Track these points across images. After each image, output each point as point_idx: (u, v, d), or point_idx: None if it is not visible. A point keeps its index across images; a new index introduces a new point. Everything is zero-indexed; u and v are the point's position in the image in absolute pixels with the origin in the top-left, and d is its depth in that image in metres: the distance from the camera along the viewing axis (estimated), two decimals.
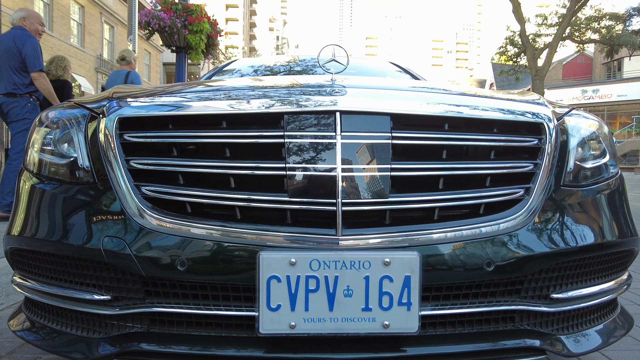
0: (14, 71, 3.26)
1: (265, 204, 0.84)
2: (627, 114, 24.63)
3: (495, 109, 0.98)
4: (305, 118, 0.88)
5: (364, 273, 0.81)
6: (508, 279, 0.89)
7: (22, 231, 1.01)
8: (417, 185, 0.89)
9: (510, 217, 0.89)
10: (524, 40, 12.79)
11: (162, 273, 0.85)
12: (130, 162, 0.89)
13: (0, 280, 1.96)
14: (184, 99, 0.95)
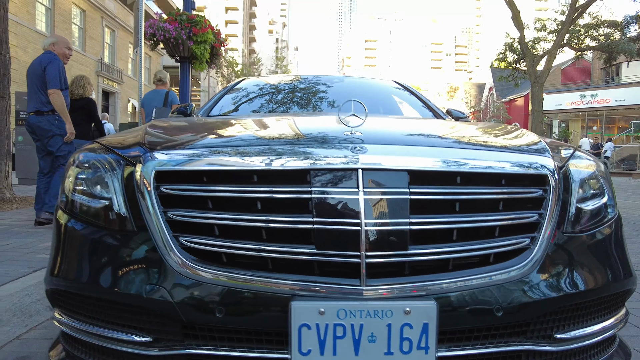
0: (40, 90, 3.60)
1: (295, 256, 0.92)
2: (625, 119, 24.78)
3: (503, 161, 1.05)
4: (329, 175, 0.95)
5: (386, 321, 0.89)
6: (516, 322, 0.97)
7: (63, 273, 1.08)
8: (433, 237, 0.96)
9: (517, 266, 0.97)
10: (523, 47, 12.91)
11: (201, 318, 0.92)
12: (169, 214, 0.97)
13: (22, 302, 2.03)
14: (217, 152, 1.03)
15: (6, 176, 5.27)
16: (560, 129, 27.55)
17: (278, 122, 1.45)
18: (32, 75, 3.66)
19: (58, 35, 4.19)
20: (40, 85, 3.61)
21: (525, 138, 1.30)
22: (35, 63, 3.69)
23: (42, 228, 3.68)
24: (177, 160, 1.01)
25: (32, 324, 1.92)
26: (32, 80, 3.65)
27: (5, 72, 5.24)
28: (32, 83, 3.65)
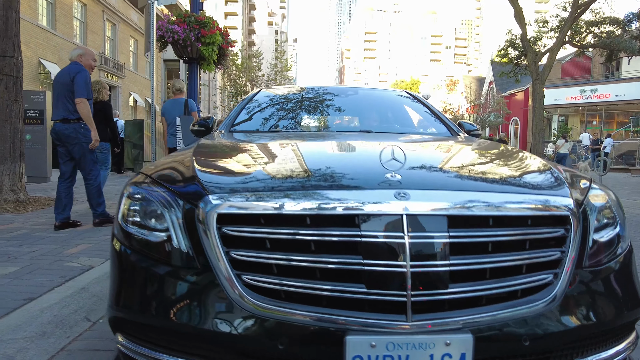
0: (68, 100, 3.80)
1: (348, 294, 1.03)
2: (625, 114, 24.89)
3: (529, 202, 1.17)
4: (377, 219, 1.06)
5: (429, 352, 1.01)
6: (540, 350, 1.09)
7: (129, 305, 1.19)
8: (468, 274, 1.08)
9: (542, 300, 1.09)
10: (525, 44, 12.95)
11: (262, 349, 1.04)
12: (231, 254, 1.08)
13: (61, 313, 2.15)
14: (272, 196, 1.12)
15: (20, 178, 5.36)
16: (560, 123, 27.64)
17: (319, 158, 1.53)
18: (60, 84, 3.84)
19: (85, 47, 4.41)
20: (67, 95, 3.79)
21: (546, 174, 1.41)
22: (64, 73, 3.87)
23: (62, 233, 3.79)
24: (237, 206, 1.11)
25: (73, 335, 2.04)
26: (59, 89, 3.83)
27: (18, 75, 5.31)
28: (60, 92, 3.83)
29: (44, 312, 2.04)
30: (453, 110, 32.73)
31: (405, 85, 72.74)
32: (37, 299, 2.18)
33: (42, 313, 2.03)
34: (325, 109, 2.96)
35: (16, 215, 4.60)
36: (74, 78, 3.74)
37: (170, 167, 1.54)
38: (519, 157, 1.68)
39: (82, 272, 2.67)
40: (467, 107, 35.95)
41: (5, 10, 5.08)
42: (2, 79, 5.13)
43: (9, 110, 5.20)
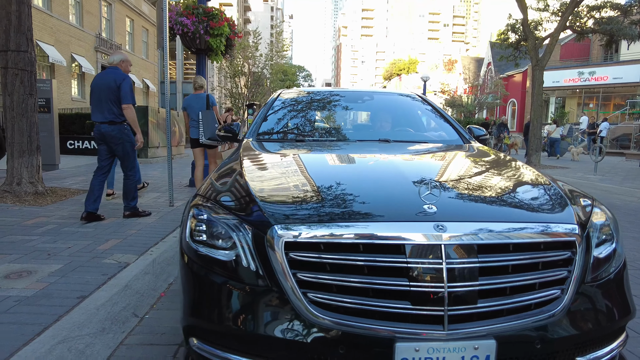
0: (113, 104, 4.15)
1: (396, 310, 1.26)
2: (622, 96, 25.05)
3: (543, 231, 1.39)
4: (420, 248, 1.29)
5: (461, 354, 1.25)
6: (549, 351, 1.34)
7: (205, 316, 1.41)
8: (492, 292, 1.31)
9: (551, 312, 1.33)
10: (526, 29, 12.97)
11: (325, 353, 1.27)
12: (298, 275, 1.30)
13: (113, 310, 2.38)
14: (330, 227, 1.34)
15: (37, 170, 5.52)
16: (557, 105, 27.76)
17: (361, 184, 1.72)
18: (104, 88, 4.15)
19: (123, 52, 4.56)
20: (112, 99, 4.14)
21: (555, 199, 1.63)
22: (109, 79, 4.16)
23: (90, 227, 4.00)
24: (302, 236, 1.32)
25: (126, 330, 2.28)
26: (104, 93, 4.14)
27: (32, 69, 5.40)
28: (105, 96, 4.14)
29: (99, 309, 2.27)
30: (451, 92, 32.70)
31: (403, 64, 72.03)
32: (89, 297, 2.40)
33: (98, 311, 2.26)
34: (346, 116, 3.15)
35: (38, 208, 4.79)
36: (120, 85, 4.10)
37: (227, 189, 1.74)
38: (530, 178, 1.89)
39: (120, 269, 2.90)
40: (465, 88, 35.92)
41: (18, 4, 5.13)
42: (18, 74, 5.23)
43: (25, 104, 5.32)
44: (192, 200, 1.73)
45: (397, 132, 2.96)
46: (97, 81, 4.28)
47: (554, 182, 1.87)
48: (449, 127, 3.03)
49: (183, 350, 2.02)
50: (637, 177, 10.10)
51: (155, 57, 28.64)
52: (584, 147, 20.07)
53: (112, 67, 4.31)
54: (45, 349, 1.84)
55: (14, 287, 2.51)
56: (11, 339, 1.91)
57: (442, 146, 2.61)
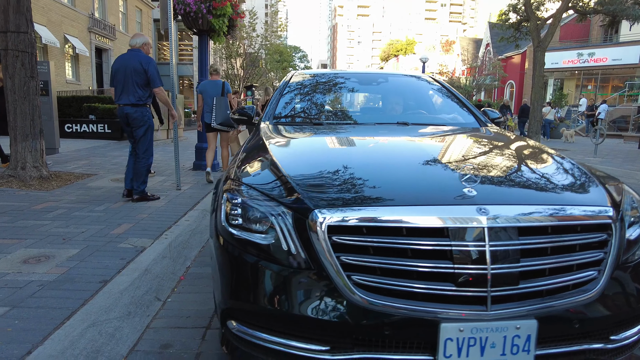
0: (139, 86, 4.18)
1: (441, 292, 1.27)
2: (620, 78, 24.98)
3: (580, 214, 1.40)
4: (463, 231, 1.29)
5: (503, 334, 1.27)
6: (586, 330, 1.36)
7: (247, 298, 1.42)
8: (532, 273, 1.32)
9: (588, 292, 1.35)
10: (528, 9, 12.81)
11: (371, 334, 1.29)
12: (341, 258, 1.31)
13: (136, 294, 2.39)
14: (372, 210, 1.34)
15: (41, 154, 5.46)
16: (555, 87, 27.66)
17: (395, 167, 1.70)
18: (130, 71, 4.16)
19: (144, 35, 4.55)
20: (139, 82, 4.18)
21: (588, 183, 1.63)
22: (134, 62, 4.17)
23: (100, 211, 3.98)
24: (345, 220, 1.32)
25: (151, 314, 2.29)
26: (129, 75, 4.16)
27: (33, 51, 5.28)
28: (130, 78, 4.17)
29: (123, 294, 2.29)
30: (449, 73, 32.44)
31: (401, 45, 71.15)
32: (111, 282, 2.41)
33: (122, 295, 2.27)
34: (361, 99, 3.12)
35: (45, 193, 4.76)
36: (147, 68, 4.16)
37: (259, 173, 1.73)
38: (559, 161, 1.89)
39: (137, 253, 2.90)
40: (463, 70, 35.63)
41: None
42: (18, 56, 5.11)
43: (26, 87, 5.22)
44: (224, 184, 1.73)
45: (413, 114, 2.94)
46: (121, 63, 4.25)
47: (582, 166, 1.88)
48: (464, 110, 3.01)
49: (218, 333, 2.05)
50: (636, 159, 10.17)
51: (150, 37, 28.04)
52: (581, 130, 20.13)
53: (135, 49, 4.30)
54: (77, 333, 1.85)
55: (35, 271, 2.51)
56: (41, 323, 1.92)
57: (462, 129, 2.59)
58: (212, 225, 1.72)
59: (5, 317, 1.97)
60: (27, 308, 2.07)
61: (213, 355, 1.90)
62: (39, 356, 1.68)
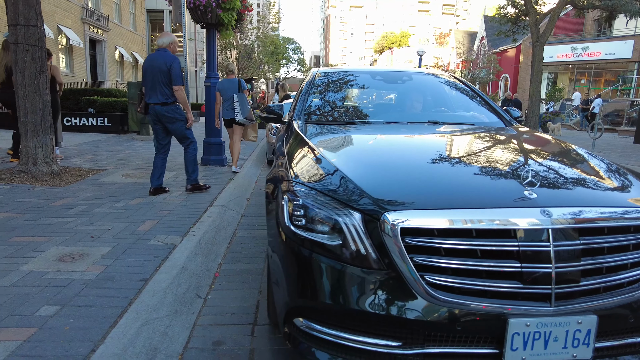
0: (165, 85, 4.32)
1: (508, 289, 1.34)
2: (613, 72, 25.28)
3: (631, 214, 1.48)
4: (530, 233, 1.36)
5: (565, 328, 1.35)
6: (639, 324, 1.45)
7: (316, 297, 1.47)
8: (590, 273, 1.40)
9: None
10: (527, 4, 12.89)
11: (440, 328, 1.36)
12: (414, 259, 1.37)
13: (178, 292, 2.44)
14: (441, 214, 1.41)
15: (52, 149, 5.42)
16: (549, 81, 27.90)
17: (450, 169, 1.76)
18: (156, 70, 4.29)
19: (171, 34, 4.61)
20: (164, 81, 4.31)
21: (634, 184, 1.71)
22: (160, 61, 4.29)
23: (120, 208, 4.00)
24: (417, 223, 1.38)
25: (195, 311, 2.34)
26: (156, 75, 4.30)
27: (42, 45, 5.22)
28: (157, 78, 4.30)
29: (166, 292, 2.33)
30: (443, 67, 32.51)
31: (395, 37, 71.00)
32: (152, 280, 2.45)
33: (166, 293, 2.32)
34: (388, 97, 3.17)
35: (60, 189, 4.75)
36: (170, 67, 4.26)
37: (316, 173, 1.78)
38: (598, 162, 1.97)
39: (169, 250, 2.94)
40: (457, 63, 35.73)
41: None
42: (29, 50, 5.05)
43: (37, 82, 5.17)
44: (282, 185, 1.78)
45: (442, 113, 3.00)
46: (149, 63, 4.37)
47: (619, 166, 1.96)
48: (488, 109, 3.08)
49: (268, 329, 2.10)
50: (632, 154, 10.38)
51: (143, 29, 27.68)
52: (576, 123, 20.39)
53: (162, 49, 4.43)
54: (133, 331, 1.90)
55: (73, 270, 2.54)
56: (96, 321, 1.96)
57: (491, 128, 2.66)
58: (273, 226, 1.76)
59: (59, 316, 2.00)
60: (77, 307, 2.10)
61: (266, 352, 1.96)
62: (103, 354, 1.72)
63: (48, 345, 1.77)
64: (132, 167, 6.46)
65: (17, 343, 1.78)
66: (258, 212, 4.58)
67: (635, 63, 23.18)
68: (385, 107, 3.07)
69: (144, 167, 6.49)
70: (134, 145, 9.29)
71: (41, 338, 1.82)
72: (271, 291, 1.89)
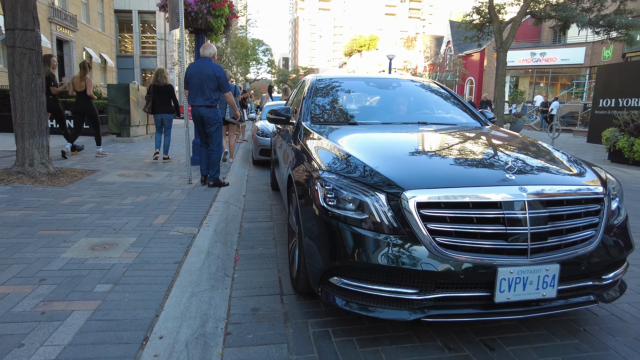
0: (211, 91, 4.98)
1: (498, 246, 1.81)
2: (568, 77, 27.10)
3: (585, 191, 1.98)
4: (511, 204, 1.83)
5: (537, 274, 1.82)
6: (590, 271, 1.95)
7: (348, 258, 1.89)
8: (554, 233, 1.89)
9: (589, 246, 1.93)
10: (491, 13, 13.80)
11: (448, 278, 1.80)
12: (427, 226, 1.81)
13: (210, 271, 2.77)
14: (448, 190, 1.85)
15: (47, 151, 5.54)
16: (511, 84, 29.49)
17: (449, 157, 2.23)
18: (205, 77, 4.93)
19: (213, 46, 5.17)
20: (211, 87, 4.96)
21: (585, 170, 2.23)
22: (208, 70, 4.94)
23: (129, 205, 4.24)
24: (429, 198, 1.82)
25: (227, 287, 2.68)
26: (204, 81, 4.93)
27: (39, 48, 5.35)
28: (204, 83, 4.94)
29: (201, 271, 2.66)
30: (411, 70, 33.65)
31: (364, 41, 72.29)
32: (185, 262, 2.77)
33: (201, 272, 2.65)
34: (383, 101, 3.62)
35: (62, 188, 4.91)
36: (219, 76, 4.96)
37: (340, 163, 2.19)
38: (558, 153, 2.49)
39: (191, 238, 3.26)
40: (425, 66, 37.03)
41: None
42: (26, 53, 5.18)
43: (34, 84, 5.30)
44: (314, 173, 2.18)
45: (429, 115, 3.48)
46: (196, 69, 4.96)
47: (574, 156, 2.49)
48: (467, 112, 3.60)
49: (294, 297, 2.48)
50: (586, 151, 11.40)
51: (112, 29, 27.10)
52: (536, 124, 21.76)
53: (206, 58, 5.05)
54: (184, 301, 2.24)
55: (110, 256, 2.82)
56: (149, 295, 2.28)
57: (471, 128, 3.16)
58: (308, 210, 2.16)
59: (115, 292, 2.31)
60: (127, 284, 2.41)
61: (297, 313, 2.34)
62: (167, 318, 2.05)
63: (117, 312, 2.09)
64: (124, 167, 6.62)
65: (90, 312, 2.08)
66: (256, 206, 4.92)
67: (587, 68, 24.99)
68: (380, 110, 3.52)
69: (136, 167, 6.68)
70: (117, 147, 9.36)
71: (108, 307, 2.13)
72: (301, 265, 2.29)
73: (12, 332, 1.88)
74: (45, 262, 2.67)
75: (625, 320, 2.34)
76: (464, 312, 1.83)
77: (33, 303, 2.15)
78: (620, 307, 2.49)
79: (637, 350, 2.05)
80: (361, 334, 2.13)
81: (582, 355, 1.99)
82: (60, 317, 2.03)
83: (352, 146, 2.43)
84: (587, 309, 2.44)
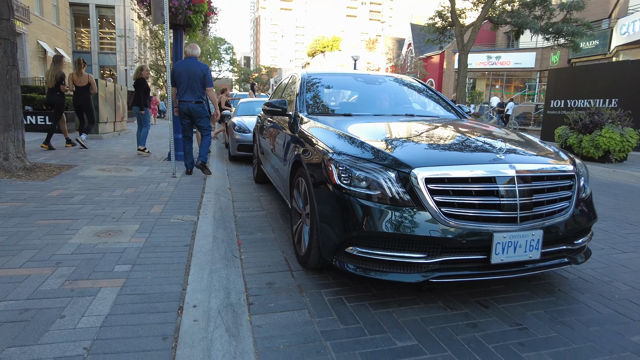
0: (199, 87, 5.38)
1: (493, 215, 2.10)
2: (521, 79, 28.86)
3: (559, 169, 2.33)
4: (503, 178, 2.14)
5: (525, 239, 2.14)
6: (564, 237, 2.30)
7: (363, 228, 2.12)
8: (537, 204, 2.22)
9: (565, 215, 2.28)
10: (453, 17, 14.55)
11: (452, 243, 2.08)
12: (434, 198, 2.08)
13: (220, 253, 2.91)
14: (452, 168, 2.12)
15: (22, 145, 5.39)
16: (469, 86, 30.97)
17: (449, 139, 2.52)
18: (193, 75, 5.31)
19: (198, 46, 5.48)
20: (199, 83, 5.35)
21: (557, 152, 2.60)
22: (196, 68, 5.34)
23: (121, 195, 4.26)
24: (435, 174, 2.09)
25: (238, 265, 2.83)
26: (192, 78, 5.31)
27: (14, 39, 5.19)
28: (193, 80, 5.32)
29: (212, 252, 2.81)
30: (375, 71, 34.49)
31: (327, 42, 72.96)
32: (195, 245, 2.90)
33: (213, 253, 2.79)
34: (370, 95, 3.89)
35: (43, 182, 4.82)
36: (205, 74, 5.38)
37: (349, 147, 2.42)
38: (532, 138, 2.86)
39: (193, 224, 3.37)
40: (387, 68, 38.06)
41: None
42: (1, 44, 5.02)
43: (9, 76, 5.14)
44: (326, 156, 2.40)
45: (414, 109, 3.79)
46: (185, 67, 5.32)
47: (547, 142, 2.86)
48: (446, 106, 3.94)
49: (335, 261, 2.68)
50: None
51: (67, 23, 25.84)
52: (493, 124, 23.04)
53: (193, 57, 5.45)
54: (206, 276, 2.38)
55: (119, 241, 2.90)
56: (170, 273, 2.41)
57: (453, 119, 3.50)
58: (323, 190, 2.37)
59: (136, 271, 2.42)
60: (145, 264, 2.52)
61: (309, 285, 2.55)
62: (194, 290, 2.20)
63: (144, 287, 2.21)
64: (101, 162, 6.52)
65: (117, 288, 2.19)
66: (245, 198, 5.06)
67: (538, 72, 26.74)
68: (370, 103, 3.78)
69: (114, 162, 6.58)
70: (87, 143, 9.07)
71: (134, 284, 2.24)
72: (313, 241, 2.50)
73: (49, 307, 1.96)
74: (55, 248, 2.72)
75: (590, 281, 2.73)
76: (466, 272, 2.12)
77: (59, 282, 2.22)
78: (585, 272, 2.89)
79: (601, 302, 2.43)
80: (371, 300, 2.37)
81: (560, 309, 2.33)
82: (90, 292, 2.12)
83: (355, 132, 2.67)
84: (560, 274, 2.82)
